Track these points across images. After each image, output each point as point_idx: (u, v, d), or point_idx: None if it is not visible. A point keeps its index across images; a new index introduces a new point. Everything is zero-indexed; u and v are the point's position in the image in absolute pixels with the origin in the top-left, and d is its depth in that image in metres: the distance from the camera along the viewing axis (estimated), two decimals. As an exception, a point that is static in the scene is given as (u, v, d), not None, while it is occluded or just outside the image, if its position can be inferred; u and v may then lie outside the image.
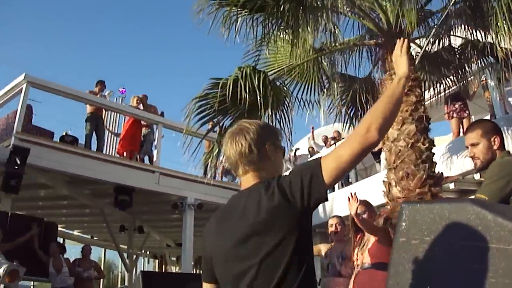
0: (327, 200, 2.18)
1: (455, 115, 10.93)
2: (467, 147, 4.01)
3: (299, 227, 2.19)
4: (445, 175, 6.90)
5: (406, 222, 1.51)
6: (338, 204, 11.28)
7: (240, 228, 2.27)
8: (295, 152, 16.93)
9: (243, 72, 6.96)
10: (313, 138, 16.37)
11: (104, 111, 13.77)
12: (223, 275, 2.38)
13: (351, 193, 5.85)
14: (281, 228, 2.16)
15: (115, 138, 14.52)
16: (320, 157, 2.23)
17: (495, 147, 3.82)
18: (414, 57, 7.10)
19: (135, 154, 13.49)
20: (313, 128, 16.55)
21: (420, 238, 1.47)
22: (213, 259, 2.43)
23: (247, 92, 6.86)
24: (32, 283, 19.54)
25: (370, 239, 6.05)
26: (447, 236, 1.40)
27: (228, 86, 6.90)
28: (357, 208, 5.76)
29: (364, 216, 5.97)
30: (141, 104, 13.86)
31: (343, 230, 6.69)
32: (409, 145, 6.34)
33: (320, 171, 2.15)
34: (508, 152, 3.88)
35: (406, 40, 2.64)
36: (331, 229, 6.87)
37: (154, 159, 13.38)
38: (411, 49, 7.13)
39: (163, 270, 22.06)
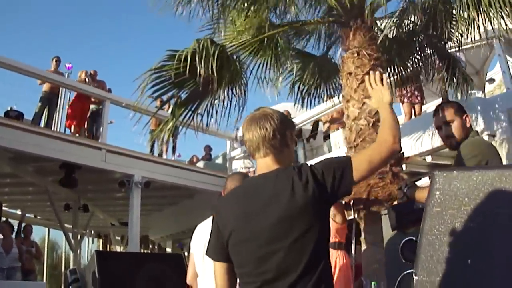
0: (350, 194, 2.55)
1: (405, 100, 11.04)
2: (439, 127, 4.05)
3: (325, 215, 2.52)
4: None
5: (440, 191, 1.39)
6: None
7: (273, 210, 2.42)
8: (236, 135, 16.85)
9: (201, 44, 6.77)
10: None
11: (60, 89, 13.44)
12: (243, 255, 2.52)
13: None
14: (312, 215, 2.40)
15: (61, 114, 14.13)
16: (350, 156, 2.56)
17: (468, 125, 3.90)
18: (376, 37, 7.02)
19: (82, 130, 13.21)
20: None
21: (458, 207, 1.35)
22: (232, 239, 2.54)
23: (205, 65, 6.70)
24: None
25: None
26: (490, 205, 1.28)
27: (185, 58, 6.70)
28: None
29: None
30: (89, 79, 13.55)
31: None
32: (370, 124, 6.30)
33: (351, 169, 2.45)
34: (476, 131, 3.95)
35: (378, 72, 3.05)
36: None
37: (101, 136, 13.07)
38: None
39: (108, 250, 21.81)
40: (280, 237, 2.39)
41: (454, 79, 8.46)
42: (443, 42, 7.97)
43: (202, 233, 4.30)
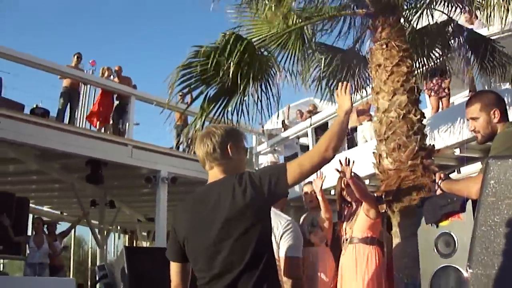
0: (286, 196, 3.21)
1: (433, 93, 10.93)
2: (468, 120, 4.02)
3: (265, 215, 2.91)
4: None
5: (495, 180, 1.33)
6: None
7: (217, 214, 2.83)
8: (263, 130, 16.77)
9: (227, 39, 6.72)
10: (288, 117, 16.18)
11: (81, 85, 13.51)
12: (196, 254, 2.95)
13: (342, 159, 5.72)
14: (251, 216, 2.79)
15: (86, 110, 14.24)
16: (286, 163, 2.92)
17: (495, 121, 3.82)
18: (404, 29, 6.94)
19: (108, 126, 13.28)
20: (289, 106, 16.38)
21: (514, 197, 1.29)
22: (186, 241, 3.00)
23: (232, 60, 6.66)
24: (1, 261, 19.20)
25: (360, 213, 5.98)
26: (550, 195, 1.22)
27: (211, 54, 6.67)
28: (351, 172, 5.65)
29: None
30: (115, 76, 13.62)
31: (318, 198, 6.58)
32: (401, 116, 6.20)
33: (285, 174, 2.81)
34: (511, 122, 3.86)
35: (346, 83, 3.25)
36: (307, 196, 6.82)
37: (127, 131, 13.11)
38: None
39: (134, 245, 21.90)
40: (224, 237, 2.80)
41: (489, 66, 8.35)
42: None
43: None
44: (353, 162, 5.67)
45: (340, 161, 5.65)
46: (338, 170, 5.72)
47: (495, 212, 1.33)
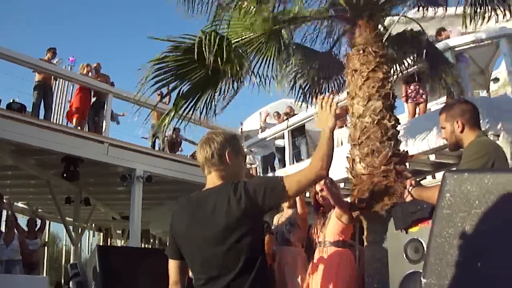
0: (278, 207, 3.31)
1: (409, 100, 11.02)
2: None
3: (257, 223, 3.08)
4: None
5: (450, 193, 1.36)
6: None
7: (214, 220, 2.97)
8: (241, 129, 16.82)
9: (206, 36, 6.73)
10: (265, 120, 16.21)
11: (53, 79, 13.40)
12: (193, 256, 3.11)
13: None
14: (245, 224, 2.93)
15: (63, 107, 14.13)
16: (283, 176, 3.05)
17: (458, 131, 3.98)
18: (382, 34, 6.97)
19: (85, 123, 13.23)
20: (265, 113, 16.43)
21: (468, 210, 1.32)
22: (183, 244, 3.17)
23: (209, 56, 6.67)
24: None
25: (332, 216, 6.03)
26: (502, 209, 1.25)
27: (188, 49, 6.68)
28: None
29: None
30: (93, 73, 13.57)
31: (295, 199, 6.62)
32: (375, 122, 6.23)
33: (283, 187, 2.96)
34: (484, 132, 3.99)
35: (328, 96, 3.40)
36: None
37: (103, 129, 13.07)
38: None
39: (109, 243, 21.81)
40: (220, 242, 2.94)
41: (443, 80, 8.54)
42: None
43: None
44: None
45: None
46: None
47: (450, 224, 1.36)
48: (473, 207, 1.32)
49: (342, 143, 12.24)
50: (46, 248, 20.24)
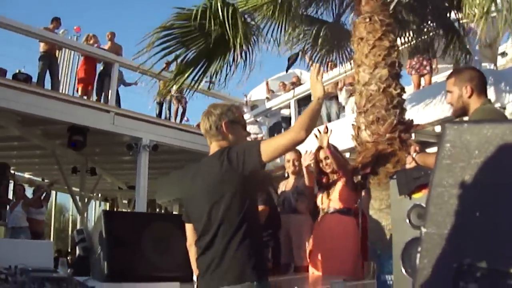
0: (260, 169, 3.38)
1: (413, 72, 10.97)
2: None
3: (241, 186, 3.25)
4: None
5: (450, 143, 1.37)
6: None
7: (203, 183, 3.39)
8: (246, 101, 16.75)
9: (212, 3, 6.72)
10: (268, 92, 16.13)
11: (57, 50, 13.38)
12: (196, 213, 3.46)
13: (320, 129, 5.80)
14: (225, 185, 3.24)
15: (69, 77, 14.14)
16: (260, 141, 3.29)
17: (466, 96, 3.96)
18: (389, 3, 6.92)
19: (91, 93, 13.23)
20: (267, 82, 16.37)
21: (468, 160, 1.34)
22: (187, 206, 3.63)
23: (215, 24, 6.68)
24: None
25: (337, 183, 6.05)
26: (499, 159, 1.27)
27: (194, 16, 6.66)
28: (328, 141, 5.74)
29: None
30: (100, 43, 13.59)
31: (300, 165, 6.63)
32: (381, 90, 6.23)
33: (258, 151, 3.15)
34: (489, 100, 3.97)
35: (318, 65, 3.62)
36: (288, 165, 6.86)
37: (109, 98, 13.06)
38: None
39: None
40: (206, 201, 3.30)
41: (456, 50, 8.46)
42: (449, 12, 7.94)
43: None
44: (331, 131, 5.75)
45: (318, 129, 5.72)
46: (316, 136, 5.78)
47: (449, 174, 1.37)
48: (473, 157, 1.34)
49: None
50: (53, 217, 20.40)
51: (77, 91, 13.49)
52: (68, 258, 10.32)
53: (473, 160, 1.34)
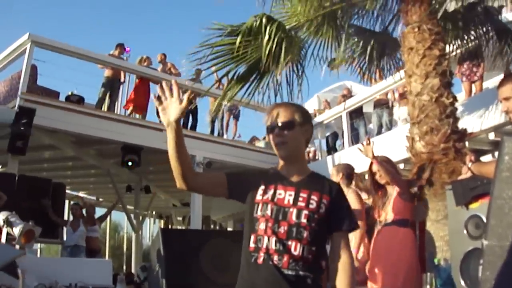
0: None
1: (464, 79, 10.81)
2: (500, 101, 3.94)
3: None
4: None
5: (509, 156, 1.37)
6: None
7: None
8: None
9: (258, 20, 6.81)
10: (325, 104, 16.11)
11: (123, 75, 13.68)
12: None
13: (363, 143, 5.78)
14: None
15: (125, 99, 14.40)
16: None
17: None
18: (436, 11, 6.89)
19: (145, 114, 13.47)
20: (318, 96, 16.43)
21: (528, 172, 1.33)
22: None
23: (262, 41, 6.77)
24: (39, 245, 19.43)
25: (392, 194, 5.99)
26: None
27: (242, 34, 6.77)
28: (373, 152, 5.68)
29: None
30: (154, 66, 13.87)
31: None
32: (433, 99, 6.21)
33: None
34: None
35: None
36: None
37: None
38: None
39: (170, 229, 22.08)
40: None
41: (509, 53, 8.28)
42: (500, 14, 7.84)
43: None
44: (373, 143, 5.69)
45: (362, 143, 5.70)
46: (360, 150, 5.74)
47: (509, 186, 1.37)
48: (533, 168, 1.33)
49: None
50: (108, 235, 20.68)
51: (127, 109, 13.65)
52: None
53: (534, 171, 1.33)
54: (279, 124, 2.82)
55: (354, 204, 6.15)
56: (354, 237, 6.36)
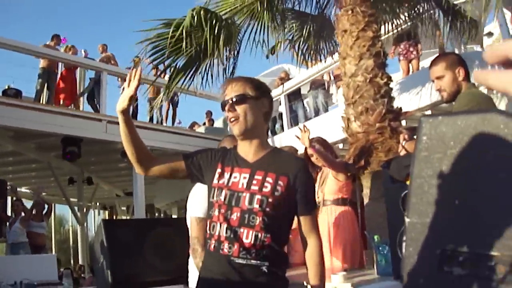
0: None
1: (401, 57, 11.03)
2: (433, 81, 4.04)
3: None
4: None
5: (427, 136, 1.44)
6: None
7: None
8: None
9: (195, 14, 6.81)
10: None
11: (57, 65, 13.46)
12: None
13: (300, 128, 5.80)
14: None
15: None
16: None
17: (460, 79, 3.90)
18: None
19: (78, 102, 13.31)
20: None
21: (444, 151, 1.40)
22: None
23: (200, 33, 6.78)
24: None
25: (328, 176, 6.05)
26: (473, 148, 1.34)
27: (180, 27, 6.77)
28: (310, 139, 5.71)
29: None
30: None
31: None
32: (368, 80, 6.32)
33: None
34: (473, 84, 3.93)
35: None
36: None
37: (101, 107, 13.10)
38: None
39: (113, 219, 21.95)
40: None
41: (458, 26, 8.49)
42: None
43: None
44: (309, 130, 5.72)
45: (300, 128, 5.74)
46: (298, 137, 5.78)
47: (428, 165, 1.43)
48: (448, 148, 1.40)
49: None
50: (53, 230, 20.43)
51: (58, 102, 13.45)
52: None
53: (449, 151, 1.40)
54: (230, 100, 2.77)
55: None
56: None
